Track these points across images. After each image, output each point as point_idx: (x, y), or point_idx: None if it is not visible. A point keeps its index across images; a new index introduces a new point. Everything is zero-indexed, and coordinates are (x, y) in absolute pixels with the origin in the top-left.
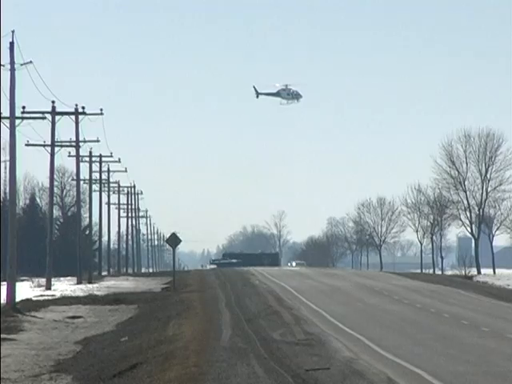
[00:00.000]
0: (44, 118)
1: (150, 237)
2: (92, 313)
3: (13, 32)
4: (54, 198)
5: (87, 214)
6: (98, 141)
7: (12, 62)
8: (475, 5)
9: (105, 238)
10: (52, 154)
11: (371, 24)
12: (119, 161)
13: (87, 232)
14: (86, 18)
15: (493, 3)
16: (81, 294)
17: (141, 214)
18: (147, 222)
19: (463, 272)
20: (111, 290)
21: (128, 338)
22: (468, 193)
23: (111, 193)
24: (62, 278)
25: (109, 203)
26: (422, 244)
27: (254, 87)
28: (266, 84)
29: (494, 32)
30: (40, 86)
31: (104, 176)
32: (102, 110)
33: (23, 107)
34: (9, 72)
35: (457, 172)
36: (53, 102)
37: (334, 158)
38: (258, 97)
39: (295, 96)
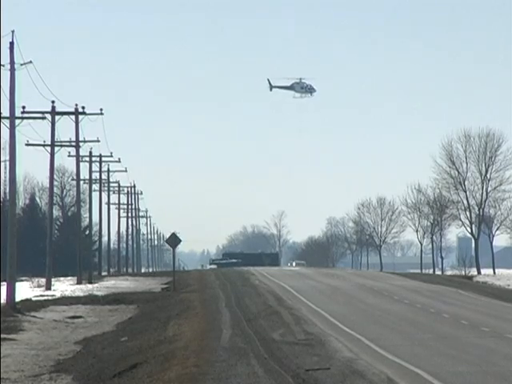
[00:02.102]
0: (44, 118)
1: (149, 237)
2: (92, 313)
3: (13, 32)
4: (54, 198)
5: (87, 214)
6: (98, 141)
7: (12, 62)
8: (475, 5)
9: (105, 238)
10: (52, 154)
11: (369, 24)
12: (119, 161)
13: (87, 232)
14: (86, 18)
15: (493, 4)
16: (81, 294)
17: (141, 214)
18: (147, 222)
19: (463, 272)
20: (111, 290)
21: (128, 338)
22: (468, 193)
23: (111, 193)
24: (61, 278)
25: (109, 203)
26: (421, 244)
27: (268, 80)
28: (274, 78)
29: (494, 32)
30: (40, 86)
31: (104, 176)
32: (101, 109)
33: (23, 107)
34: (9, 72)
35: (457, 172)
36: (53, 101)
37: (334, 157)
38: (271, 89)
39: (309, 90)
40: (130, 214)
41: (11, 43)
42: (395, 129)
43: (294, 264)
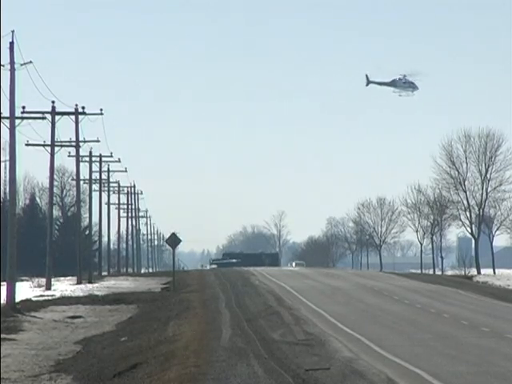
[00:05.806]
0: (44, 118)
1: (149, 237)
2: (92, 313)
3: (13, 32)
4: (54, 198)
5: (87, 214)
6: (98, 141)
7: (12, 62)
8: (475, 5)
9: (105, 238)
10: (52, 154)
11: (367, 23)
12: (119, 161)
13: (87, 232)
14: (86, 18)
15: (493, 4)
16: (81, 294)
17: (141, 214)
18: (147, 222)
19: (463, 272)
20: (111, 289)
21: (128, 338)
22: (468, 193)
23: (111, 193)
24: (61, 278)
25: (109, 203)
26: (421, 244)
27: (366, 76)
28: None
29: (494, 32)
30: (40, 86)
31: (104, 176)
32: (101, 110)
33: (23, 107)
34: (9, 72)
35: (457, 172)
36: (53, 102)
37: (334, 157)
38: (367, 85)
39: (411, 85)
40: (129, 214)
41: (11, 43)
42: (395, 129)
43: (293, 264)
